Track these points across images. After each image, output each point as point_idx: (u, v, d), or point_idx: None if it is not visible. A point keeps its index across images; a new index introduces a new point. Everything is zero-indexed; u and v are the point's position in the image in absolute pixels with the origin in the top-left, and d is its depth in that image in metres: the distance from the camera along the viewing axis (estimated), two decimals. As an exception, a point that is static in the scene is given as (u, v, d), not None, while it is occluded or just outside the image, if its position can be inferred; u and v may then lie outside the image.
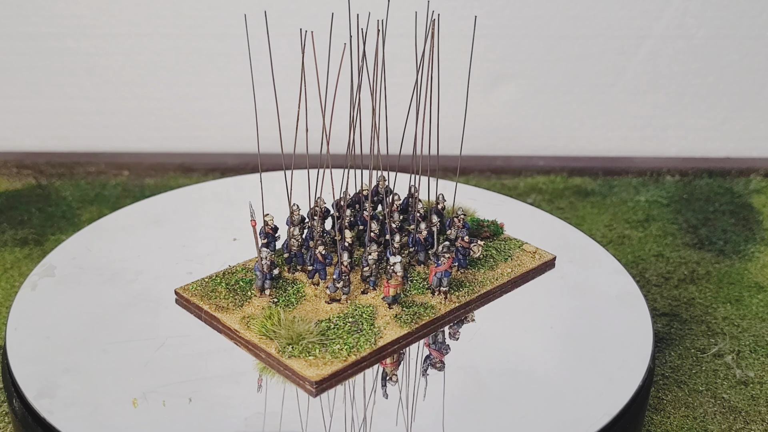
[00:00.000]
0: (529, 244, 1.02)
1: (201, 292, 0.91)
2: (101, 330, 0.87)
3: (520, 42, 1.60)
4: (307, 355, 0.81)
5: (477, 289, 0.93)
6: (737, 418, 0.98)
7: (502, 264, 0.98)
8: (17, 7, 1.55)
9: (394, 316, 0.87)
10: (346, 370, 0.80)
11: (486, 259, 0.99)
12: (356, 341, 0.83)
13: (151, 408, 0.76)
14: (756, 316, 1.17)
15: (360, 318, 0.86)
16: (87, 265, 0.99)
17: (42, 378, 0.80)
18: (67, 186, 1.53)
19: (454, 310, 0.90)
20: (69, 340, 0.85)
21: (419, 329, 0.86)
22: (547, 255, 1.00)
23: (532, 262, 0.99)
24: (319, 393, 0.78)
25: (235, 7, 1.57)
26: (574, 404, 0.78)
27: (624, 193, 1.55)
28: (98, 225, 1.09)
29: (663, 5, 1.57)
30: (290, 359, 0.80)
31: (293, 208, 0.93)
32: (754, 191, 1.56)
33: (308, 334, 0.83)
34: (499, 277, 0.96)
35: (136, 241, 1.05)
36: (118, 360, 0.83)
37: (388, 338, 0.84)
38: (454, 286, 0.93)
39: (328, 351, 0.81)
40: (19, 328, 0.87)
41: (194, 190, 1.22)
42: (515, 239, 1.03)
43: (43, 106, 1.65)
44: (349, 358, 0.81)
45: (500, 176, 1.62)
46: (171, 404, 0.77)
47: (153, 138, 1.69)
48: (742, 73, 1.64)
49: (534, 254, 1.00)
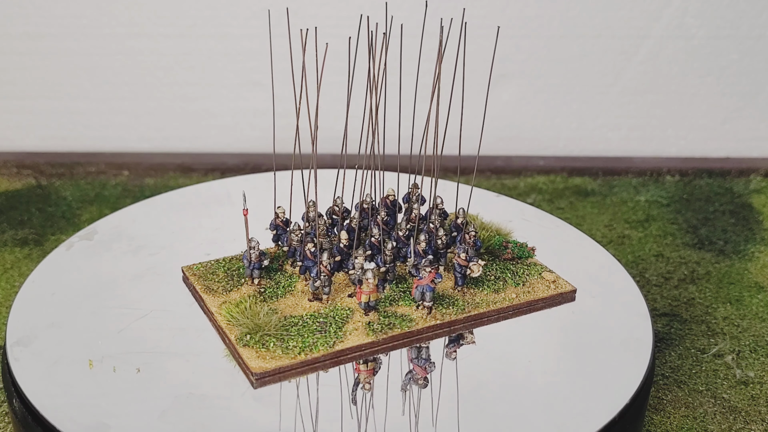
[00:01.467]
0: (551, 272, 0.96)
1: (201, 273, 0.94)
2: (103, 292, 0.93)
3: (520, 42, 1.60)
4: (261, 347, 0.82)
5: (469, 309, 0.89)
6: (737, 418, 0.98)
7: (511, 288, 0.93)
8: (17, 7, 1.55)
9: (366, 322, 0.86)
10: (295, 368, 0.80)
11: (495, 280, 0.94)
12: (314, 341, 0.83)
13: (101, 371, 0.81)
14: (756, 316, 1.17)
15: (331, 319, 0.86)
16: (117, 234, 1.06)
17: (42, 378, 0.80)
18: (67, 186, 1.53)
19: (435, 327, 0.87)
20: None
21: (388, 340, 0.84)
22: (566, 286, 0.94)
23: (546, 291, 0.93)
24: (259, 385, 0.79)
25: (235, 7, 1.57)
26: (574, 404, 0.78)
27: (624, 193, 1.55)
28: (133, 208, 1.14)
29: (663, 5, 1.57)
30: (244, 348, 0.82)
31: (309, 204, 0.94)
32: (754, 191, 1.56)
33: (268, 326, 0.83)
34: (500, 301, 0.91)
35: (173, 220, 1.10)
36: (98, 323, 0.88)
37: (349, 344, 0.83)
38: (445, 303, 0.89)
39: (281, 346, 0.82)
40: (19, 327, 0.87)
41: (226, 183, 1.22)
42: (541, 265, 0.97)
43: (43, 106, 1.65)
44: (300, 356, 0.81)
45: (500, 176, 1.62)
46: (120, 371, 0.81)
47: (153, 138, 1.69)
48: (742, 73, 1.64)
49: (551, 283, 0.94)
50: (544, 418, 0.77)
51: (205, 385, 0.79)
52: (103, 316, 0.89)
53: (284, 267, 0.95)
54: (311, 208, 0.94)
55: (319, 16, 1.56)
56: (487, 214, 1.08)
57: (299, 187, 0.95)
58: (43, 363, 0.82)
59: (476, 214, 1.06)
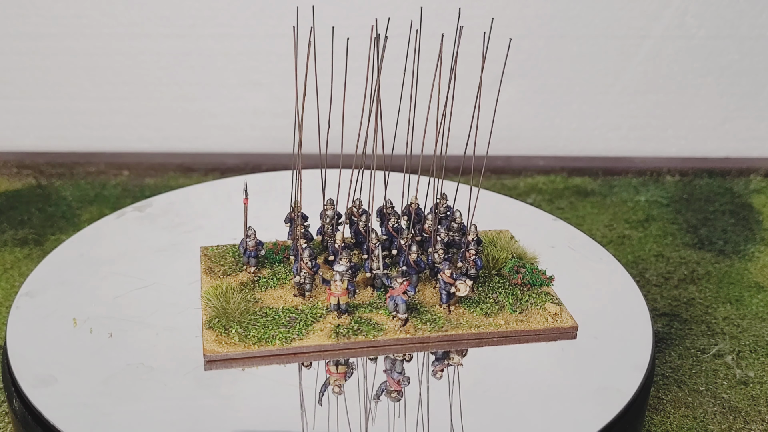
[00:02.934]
0: (556, 304, 0.89)
1: (212, 255, 0.97)
2: (122, 263, 0.98)
3: (520, 42, 1.60)
4: (223, 331, 0.83)
5: (446, 328, 0.85)
6: (737, 418, 0.98)
7: (505, 314, 0.88)
8: (17, 7, 1.55)
9: (336, 325, 0.85)
10: (247, 357, 0.82)
11: (493, 304, 0.89)
12: (274, 335, 0.83)
13: (79, 330, 0.86)
14: (756, 316, 1.17)
15: (303, 317, 0.86)
16: (166, 209, 1.12)
17: (42, 378, 0.80)
18: (67, 186, 1.53)
19: (405, 340, 0.84)
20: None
21: (349, 345, 0.83)
22: (567, 320, 0.88)
23: (542, 323, 0.87)
24: (209, 368, 0.81)
25: (235, 7, 1.57)
26: (574, 404, 0.78)
27: (624, 193, 1.55)
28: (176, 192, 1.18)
29: (663, 5, 1.57)
30: (208, 330, 0.84)
31: (327, 203, 0.95)
32: (754, 191, 1.56)
33: (235, 313, 0.85)
34: (485, 325, 0.86)
35: (215, 203, 1.14)
36: (99, 292, 0.92)
37: (308, 343, 0.83)
38: (425, 318, 0.86)
39: (242, 334, 0.83)
40: (19, 327, 0.87)
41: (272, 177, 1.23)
42: (552, 295, 0.91)
43: (43, 106, 1.65)
44: (254, 347, 0.82)
45: (500, 176, 1.62)
46: (96, 332, 0.86)
47: (153, 138, 1.69)
48: (742, 73, 1.64)
49: (552, 316, 0.88)
50: (544, 418, 0.77)
51: (161, 358, 0.82)
52: (108, 282, 0.94)
53: (290, 260, 0.96)
54: (329, 207, 0.94)
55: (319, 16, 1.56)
56: (487, 214, 1.08)
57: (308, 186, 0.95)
58: (43, 363, 0.82)
59: (515, 241, 1.02)
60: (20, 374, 0.80)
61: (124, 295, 0.92)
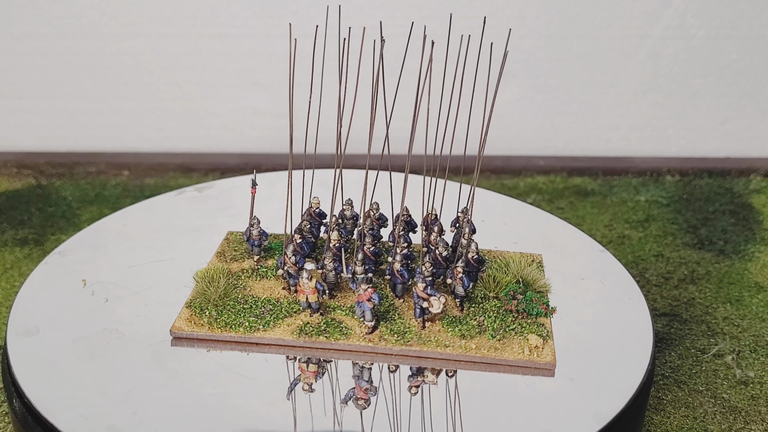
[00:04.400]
0: (542, 338, 0.84)
1: (232, 239, 1.01)
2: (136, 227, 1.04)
3: (520, 42, 1.60)
4: (198, 311, 0.87)
5: (413, 343, 0.83)
6: (737, 418, 0.98)
7: (482, 339, 0.83)
8: (17, 7, 1.55)
9: (306, 322, 0.85)
10: (212, 340, 0.85)
11: (476, 326, 0.85)
12: (242, 322, 0.85)
13: (85, 291, 0.92)
14: (756, 316, 1.17)
15: (278, 310, 0.87)
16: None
17: (42, 378, 0.80)
18: (67, 186, 1.53)
19: (368, 348, 0.83)
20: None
21: (309, 344, 0.83)
22: (546, 356, 0.82)
23: (518, 354, 0.82)
24: (175, 344, 0.84)
25: (235, 7, 1.57)
26: (574, 404, 0.78)
27: (624, 193, 1.55)
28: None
29: (663, 5, 1.57)
30: (186, 308, 0.88)
31: (346, 203, 0.96)
32: (754, 191, 1.56)
33: (213, 297, 0.88)
34: (453, 346, 0.82)
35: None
36: (119, 259, 0.98)
37: (270, 335, 0.84)
38: (396, 329, 0.85)
39: (213, 317, 0.86)
40: (19, 327, 0.87)
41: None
42: (544, 326, 0.86)
43: (43, 106, 1.65)
44: (219, 330, 0.84)
45: (500, 176, 1.62)
46: (96, 295, 0.91)
47: (153, 138, 1.69)
48: (742, 73, 1.64)
49: (532, 349, 0.83)
50: (544, 418, 0.77)
51: (137, 328, 0.86)
52: (132, 252, 1.00)
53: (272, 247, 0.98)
54: (347, 208, 0.95)
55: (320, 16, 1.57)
56: (487, 214, 1.08)
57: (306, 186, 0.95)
58: (43, 363, 0.82)
59: (540, 267, 0.96)
60: (20, 374, 0.80)
61: (138, 266, 0.97)
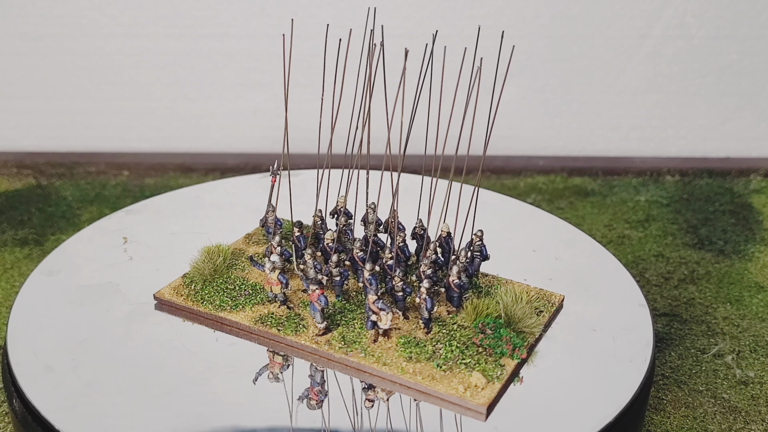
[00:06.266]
0: (488, 379, 0.78)
1: (255, 233, 1.03)
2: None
3: (520, 42, 1.60)
4: (188, 284, 0.91)
5: (355, 354, 0.81)
6: (737, 418, 0.98)
7: (426, 365, 0.79)
8: (17, 7, 1.55)
9: (270, 312, 0.87)
10: (185, 310, 0.89)
11: (430, 351, 0.81)
12: (216, 301, 0.88)
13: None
14: (756, 316, 1.17)
15: (255, 296, 0.89)
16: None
17: (42, 378, 0.80)
18: (67, 186, 1.53)
19: (311, 349, 0.82)
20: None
21: (261, 332, 0.85)
22: (480, 399, 0.76)
23: (447, 388, 0.77)
24: (158, 308, 0.90)
25: (235, 7, 1.57)
26: (574, 404, 0.78)
27: (624, 193, 1.55)
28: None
29: (663, 5, 1.57)
30: (181, 278, 0.92)
31: (369, 206, 0.95)
32: (754, 191, 1.56)
33: (205, 271, 0.92)
34: (393, 367, 0.79)
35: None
36: (168, 227, 1.06)
37: (232, 318, 0.87)
38: (346, 335, 0.83)
39: (198, 290, 0.90)
40: (19, 327, 0.87)
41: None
42: (498, 366, 0.79)
43: (43, 106, 1.65)
44: (191, 303, 0.89)
45: (500, 176, 1.62)
46: (128, 246, 1.02)
47: (153, 138, 1.69)
48: (742, 73, 1.64)
49: (467, 388, 0.77)
50: (544, 419, 0.77)
51: (134, 288, 0.93)
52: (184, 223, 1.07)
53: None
54: (370, 212, 0.94)
55: (320, 16, 1.57)
56: (487, 214, 1.08)
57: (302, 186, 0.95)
58: (43, 363, 0.82)
59: (544, 307, 0.90)
60: (20, 374, 0.80)
61: (177, 234, 1.04)
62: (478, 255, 0.92)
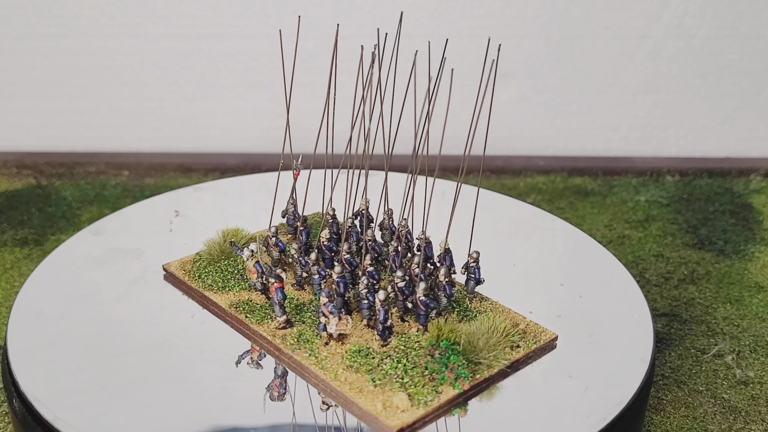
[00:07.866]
0: (411, 404, 0.75)
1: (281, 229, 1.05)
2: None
3: (520, 42, 1.60)
4: (195, 261, 0.96)
5: (299, 353, 0.80)
6: (737, 418, 0.98)
7: (360, 377, 0.78)
8: (17, 7, 1.55)
9: (248, 299, 0.89)
10: (183, 284, 0.94)
11: (374, 362, 0.79)
12: (210, 282, 0.92)
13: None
14: (756, 316, 1.17)
15: (244, 281, 0.92)
16: None
17: (42, 378, 0.80)
18: (67, 186, 1.53)
19: (265, 341, 0.83)
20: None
21: (230, 316, 0.88)
22: (392, 420, 0.73)
23: (370, 406, 0.75)
24: (167, 280, 0.95)
25: (235, 7, 1.57)
26: (574, 404, 0.78)
27: (624, 193, 1.55)
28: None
29: (663, 5, 1.57)
30: (193, 255, 0.97)
31: (386, 211, 0.96)
32: (754, 191, 1.56)
33: (210, 256, 0.96)
34: (327, 371, 0.78)
35: None
36: (206, 210, 1.12)
37: (212, 298, 0.90)
38: (303, 336, 0.82)
39: (205, 269, 0.94)
40: (19, 327, 0.87)
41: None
42: (436, 394, 0.76)
43: (43, 106, 1.65)
44: (187, 279, 0.93)
45: (500, 176, 1.62)
46: (174, 220, 1.09)
47: (153, 138, 1.69)
48: (742, 73, 1.64)
49: (388, 408, 0.74)
50: (544, 419, 0.77)
51: (151, 260, 0.98)
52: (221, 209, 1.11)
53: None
54: (387, 219, 0.95)
55: (320, 16, 1.57)
56: (487, 214, 1.08)
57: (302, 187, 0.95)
58: (43, 363, 0.82)
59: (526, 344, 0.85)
60: (20, 374, 0.80)
61: (210, 215, 1.10)
62: (472, 277, 0.89)
